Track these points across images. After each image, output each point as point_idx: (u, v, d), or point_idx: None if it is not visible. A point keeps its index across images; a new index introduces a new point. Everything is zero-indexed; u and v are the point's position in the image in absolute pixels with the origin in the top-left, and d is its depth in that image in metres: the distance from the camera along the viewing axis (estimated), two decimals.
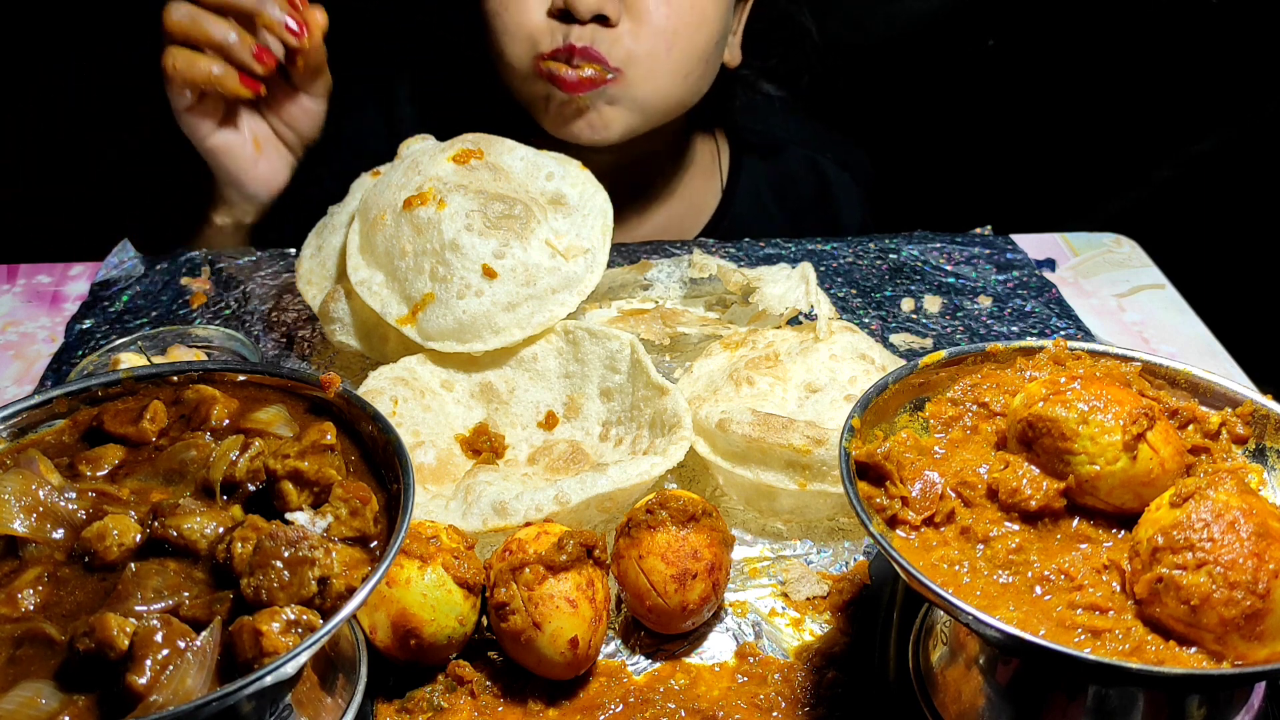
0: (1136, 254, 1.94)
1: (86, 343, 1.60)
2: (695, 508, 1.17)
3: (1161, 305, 1.82)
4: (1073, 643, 0.89)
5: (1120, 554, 0.95)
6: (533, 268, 1.40)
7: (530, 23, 1.74)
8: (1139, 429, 0.96)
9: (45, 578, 0.90)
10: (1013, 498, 0.99)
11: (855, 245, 1.89)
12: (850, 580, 1.25)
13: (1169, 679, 0.85)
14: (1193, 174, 2.71)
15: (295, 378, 1.09)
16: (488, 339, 1.39)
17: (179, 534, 0.91)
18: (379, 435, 1.02)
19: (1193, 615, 0.87)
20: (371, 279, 1.43)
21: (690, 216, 2.11)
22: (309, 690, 0.98)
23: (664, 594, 1.14)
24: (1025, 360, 1.14)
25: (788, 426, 1.26)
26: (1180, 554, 0.88)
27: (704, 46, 1.79)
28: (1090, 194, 2.76)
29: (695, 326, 1.55)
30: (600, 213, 1.48)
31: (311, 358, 1.58)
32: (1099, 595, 0.92)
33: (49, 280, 1.78)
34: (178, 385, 1.09)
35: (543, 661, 1.10)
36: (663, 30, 1.73)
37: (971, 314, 1.73)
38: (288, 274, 1.74)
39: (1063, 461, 0.98)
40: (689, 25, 1.75)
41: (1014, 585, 0.94)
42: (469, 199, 1.40)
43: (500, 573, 1.11)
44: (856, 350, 1.40)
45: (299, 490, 0.95)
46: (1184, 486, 0.92)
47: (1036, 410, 0.99)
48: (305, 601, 0.86)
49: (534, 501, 1.20)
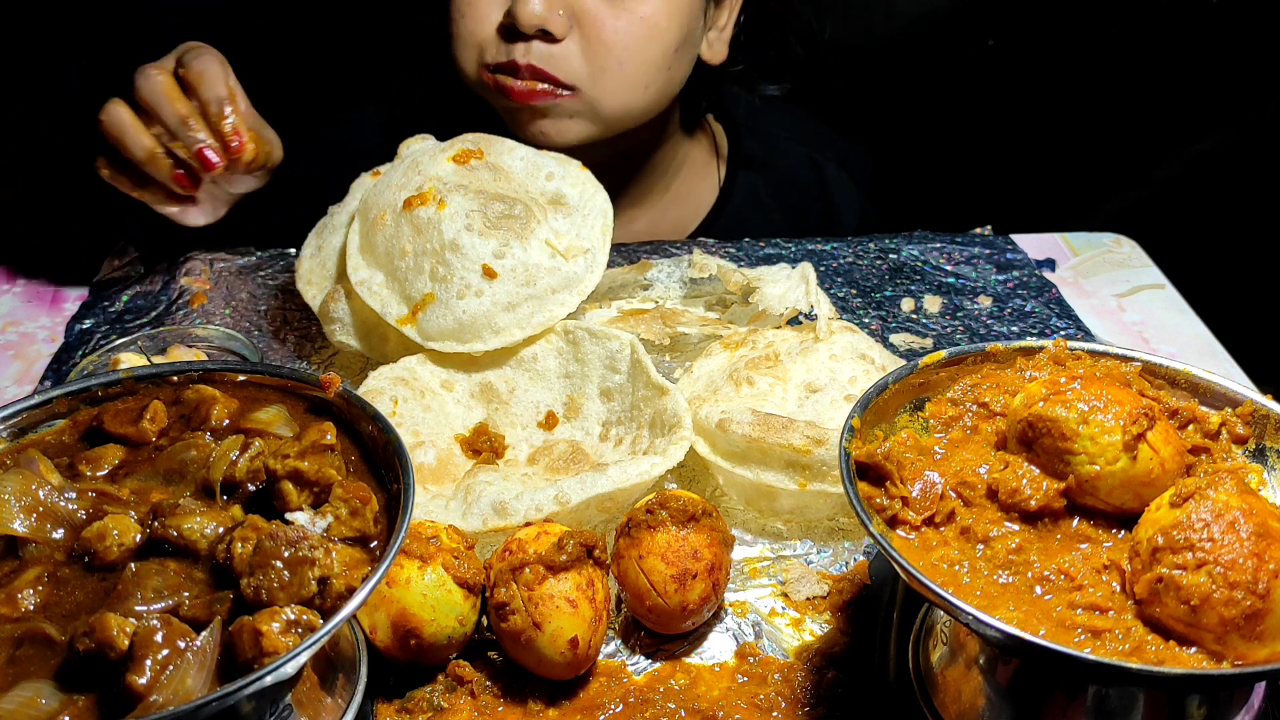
0: (1136, 254, 1.94)
1: (86, 343, 1.60)
2: (695, 508, 1.17)
3: (1161, 305, 1.82)
4: (1073, 643, 0.89)
5: (1120, 554, 0.95)
6: (533, 268, 1.40)
7: (481, 33, 1.72)
8: (1139, 429, 0.96)
9: (45, 578, 0.90)
10: (1013, 498, 0.99)
11: (855, 245, 1.89)
12: (850, 580, 1.25)
13: (1169, 679, 0.85)
14: (1193, 174, 2.70)
15: (295, 378, 1.09)
16: (488, 339, 1.39)
17: (179, 534, 0.91)
18: (379, 435, 1.02)
19: (1193, 615, 0.87)
20: (371, 279, 1.43)
21: (686, 212, 2.11)
22: (309, 690, 0.98)
23: (664, 594, 1.14)
24: (1025, 360, 1.14)
25: (788, 426, 1.26)
26: (1180, 554, 0.88)
27: (660, 57, 1.76)
28: (1090, 194, 2.76)
29: (695, 326, 1.55)
30: (600, 213, 1.48)
31: (311, 358, 1.58)
32: (1099, 595, 0.92)
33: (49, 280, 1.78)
34: (178, 385, 1.09)
35: (543, 661, 1.10)
36: (612, 46, 1.70)
37: (971, 314, 1.73)
38: (288, 274, 1.74)
39: (1063, 461, 0.98)
40: (640, 39, 1.72)
41: (1014, 585, 0.94)
42: (469, 199, 1.41)
43: (500, 573, 1.11)
44: (856, 350, 1.40)
45: (299, 490, 0.95)
46: (1184, 486, 0.92)
47: (1036, 410, 0.99)
48: (305, 601, 0.86)
49: (534, 501, 1.20)
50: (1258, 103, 2.63)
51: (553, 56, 1.69)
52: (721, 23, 1.91)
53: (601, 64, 1.71)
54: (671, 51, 1.77)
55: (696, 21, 1.82)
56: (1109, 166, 2.73)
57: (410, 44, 2.05)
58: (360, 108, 2.06)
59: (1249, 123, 2.65)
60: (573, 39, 1.70)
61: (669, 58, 1.77)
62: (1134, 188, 2.76)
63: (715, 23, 1.90)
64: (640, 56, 1.74)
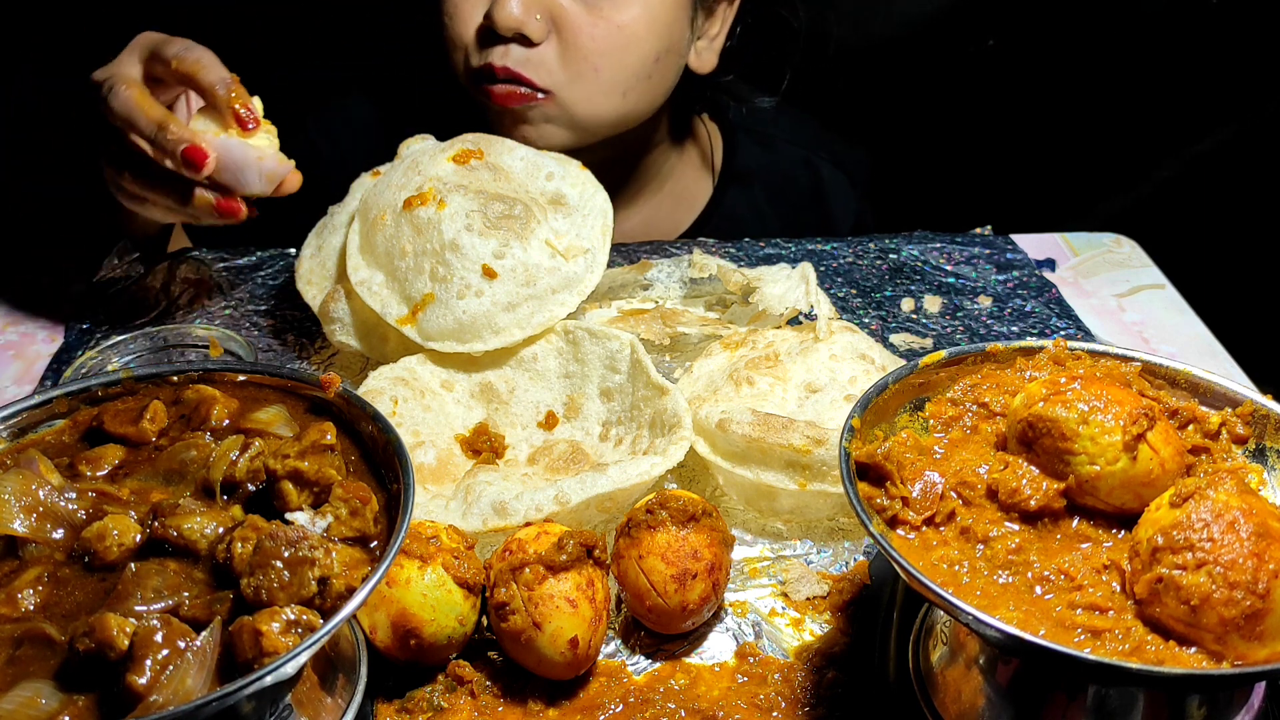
0: (1136, 254, 1.94)
1: (86, 342, 1.61)
2: (695, 508, 1.17)
3: (1161, 305, 1.82)
4: (1073, 643, 0.89)
5: (1120, 554, 0.95)
6: (533, 268, 1.40)
7: (466, 36, 1.73)
8: (1139, 429, 0.96)
9: (45, 578, 0.90)
10: (1013, 498, 0.99)
11: (855, 245, 1.89)
12: (850, 580, 1.25)
13: (1169, 679, 0.85)
14: (1193, 174, 2.71)
15: (295, 378, 1.09)
16: (488, 339, 1.39)
17: (179, 534, 0.91)
18: (379, 435, 1.02)
19: (1193, 615, 0.87)
20: (371, 279, 1.43)
21: (679, 211, 2.10)
22: (309, 690, 0.98)
23: (664, 594, 1.14)
24: (1025, 360, 1.14)
25: (788, 426, 1.26)
26: (1180, 554, 0.88)
27: (638, 65, 1.76)
28: (1090, 194, 2.76)
29: (695, 326, 1.55)
30: (600, 213, 1.48)
31: (311, 358, 1.58)
32: (1099, 595, 0.92)
33: (50, 280, 1.78)
34: (178, 385, 1.09)
35: (543, 661, 1.10)
36: (589, 53, 1.71)
37: (971, 314, 1.73)
38: (288, 274, 1.74)
39: (1063, 462, 0.98)
40: (617, 47, 1.72)
41: (1014, 585, 0.95)
42: (469, 199, 1.41)
43: (500, 573, 1.11)
44: (856, 350, 1.40)
45: (299, 490, 0.95)
46: (1184, 486, 0.92)
47: (1036, 410, 0.99)
48: (305, 601, 0.86)
49: (534, 501, 1.20)
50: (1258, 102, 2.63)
51: (529, 60, 1.70)
52: (713, 32, 1.90)
53: (578, 69, 1.72)
54: (651, 60, 1.77)
55: (682, 31, 1.81)
56: (1109, 166, 2.74)
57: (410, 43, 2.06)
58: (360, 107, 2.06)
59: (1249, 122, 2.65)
60: (550, 44, 1.70)
61: (648, 66, 1.77)
62: (1134, 187, 2.76)
63: (706, 32, 1.89)
64: (617, 63, 1.74)
